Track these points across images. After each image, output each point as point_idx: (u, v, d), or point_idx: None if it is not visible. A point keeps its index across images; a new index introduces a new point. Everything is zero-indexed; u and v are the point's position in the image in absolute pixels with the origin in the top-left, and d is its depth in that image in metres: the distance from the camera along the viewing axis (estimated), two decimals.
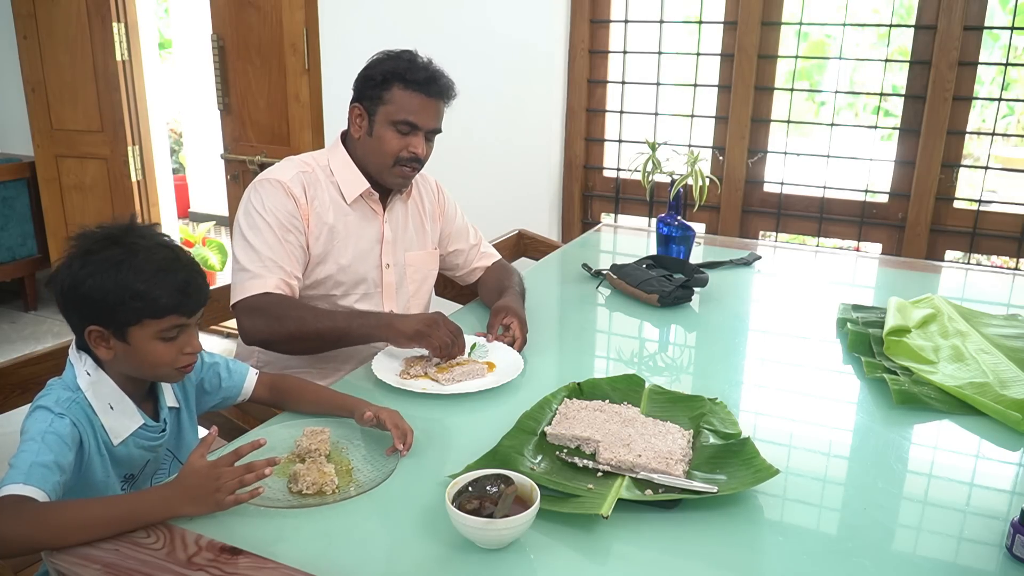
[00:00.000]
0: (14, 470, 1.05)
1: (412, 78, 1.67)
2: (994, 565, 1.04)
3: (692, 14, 3.33)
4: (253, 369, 1.42)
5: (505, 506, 1.03)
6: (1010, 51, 2.89)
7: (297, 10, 2.81)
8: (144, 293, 1.14)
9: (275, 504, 1.09)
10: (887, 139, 3.24)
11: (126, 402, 1.21)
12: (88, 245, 1.17)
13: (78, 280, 1.14)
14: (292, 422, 1.33)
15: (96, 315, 1.15)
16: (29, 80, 3.75)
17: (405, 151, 1.70)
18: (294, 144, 2.97)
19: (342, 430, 1.30)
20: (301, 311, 1.62)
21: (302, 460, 1.19)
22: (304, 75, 2.86)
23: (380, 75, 1.69)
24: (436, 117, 1.73)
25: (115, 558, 0.99)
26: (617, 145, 3.58)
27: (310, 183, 1.73)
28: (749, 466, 1.18)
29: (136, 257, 1.15)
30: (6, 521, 0.99)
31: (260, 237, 1.65)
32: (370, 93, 1.70)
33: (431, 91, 1.69)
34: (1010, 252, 3.04)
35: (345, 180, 1.76)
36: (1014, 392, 1.45)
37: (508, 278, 1.95)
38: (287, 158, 1.81)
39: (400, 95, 1.68)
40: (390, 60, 1.71)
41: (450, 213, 2.00)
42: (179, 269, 1.18)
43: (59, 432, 1.11)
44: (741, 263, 2.35)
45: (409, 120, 1.69)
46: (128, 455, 1.22)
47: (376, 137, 1.71)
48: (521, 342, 1.67)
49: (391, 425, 1.25)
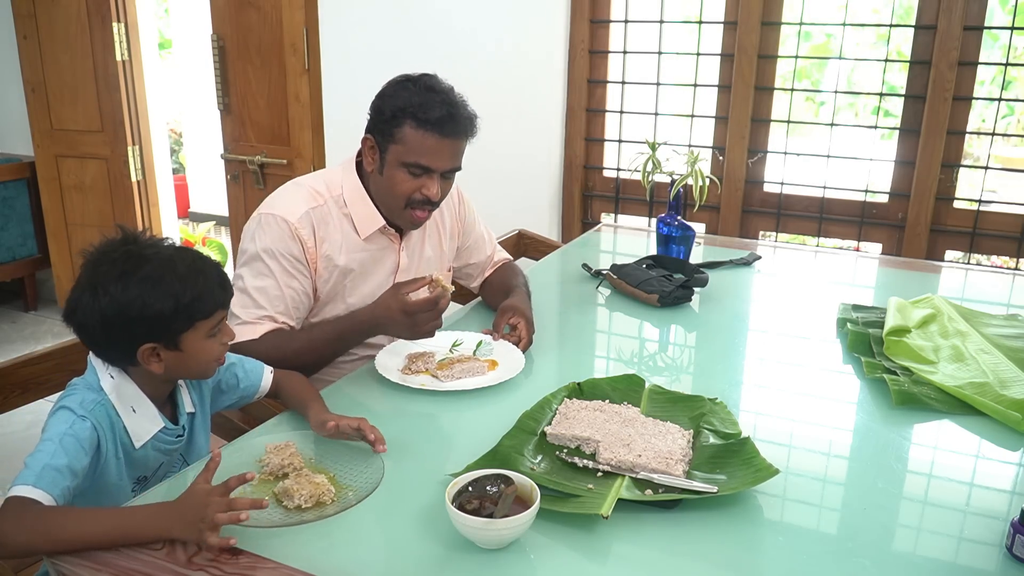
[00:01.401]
0: (27, 470, 1.05)
1: (425, 116, 1.51)
2: (994, 565, 1.04)
3: (692, 14, 3.33)
4: (268, 367, 1.43)
5: (505, 506, 1.03)
6: (1010, 51, 2.89)
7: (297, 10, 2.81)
8: (195, 297, 1.16)
9: (276, 524, 1.06)
10: (887, 138, 3.24)
11: (148, 405, 1.22)
12: (118, 269, 1.14)
13: (125, 304, 1.13)
14: (252, 441, 1.27)
15: (149, 333, 1.15)
16: (29, 80, 3.75)
17: (418, 193, 1.57)
18: (294, 144, 2.97)
19: (305, 442, 1.26)
20: (290, 357, 1.51)
21: (278, 477, 1.16)
22: (304, 75, 2.86)
23: (391, 111, 1.54)
24: (452, 158, 1.58)
25: (115, 558, 0.99)
26: (617, 145, 3.58)
27: (320, 221, 1.60)
28: (749, 466, 1.18)
29: (174, 266, 1.16)
30: (9, 524, 1.00)
31: (260, 284, 1.56)
32: (382, 127, 1.56)
33: (447, 130, 1.53)
34: (1010, 252, 3.05)
35: (359, 215, 1.64)
36: (1014, 392, 1.45)
37: (514, 278, 1.93)
38: (297, 183, 1.67)
39: (412, 135, 1.53)
40: (404, 93, 1.54)
41: (469, 224, 1.91)
42: (207, 266, 1.21)
43: (78, 435, 1.11)
44: (741, 263, 2.35)
45: (421, 163, 1.54)
46: (144, 457, 1.23)
47: (387, 176, 1.58)
48: (527, 342, 1.66)
49: (360, 432, 1.22)
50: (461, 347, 1.65)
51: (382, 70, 2.02)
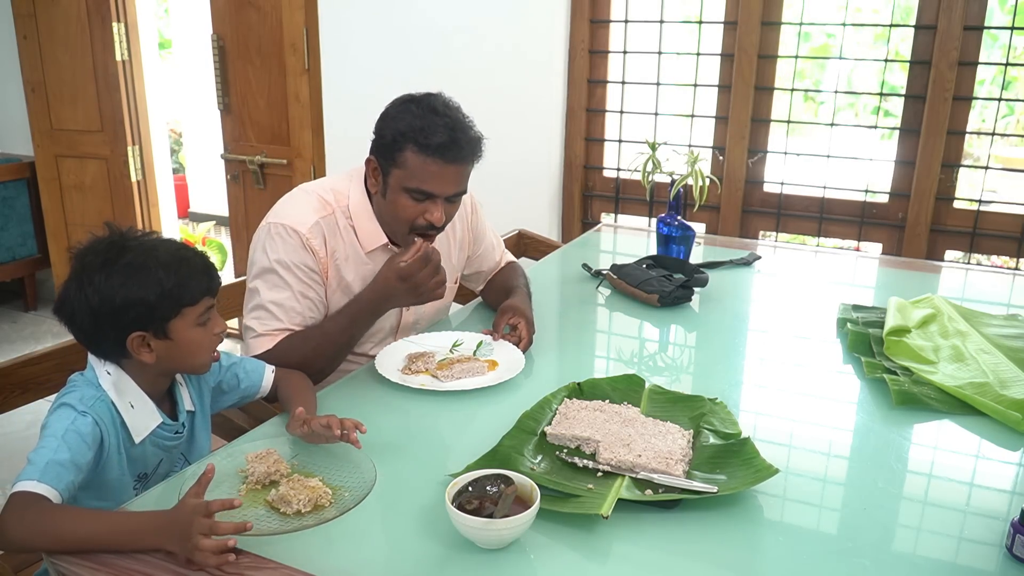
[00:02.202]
0: (31, 466, 1.05)
1: (427, 142, 1.48)
2: (994, 565, 1.04)
3: (692, 14, 3.33)
4: (269, 367, 1.43)
5: (505, 506, 1.03)
6: (1010, 51, 2.89)
7: (297, 10, 2.81)
8: (178, 283, 1.17)
9: (277, 531, 1.05)
10: (887, 138, 3.24)
11: (146, 401, 1.23)
12: (101, 259, 1.16)
13: (108, 293, 1.15)
14: (233, 449, 1.25)
15: (136, 320, 1.16)
16: (29, 80, 3.75)
17: (421, 219, 1.55)
18: (294, 144, 2.98)
19: (287, 448, 1.24)
20: (315, 341, 1.54)
21: (265, 486, 1.14)
22: (304, 75, 2.86)
23: (392, 135, 1.51)
24: (456, 183, 1.55)
25: (115, 558, 0.99)
26: (617, 145, 3.58)
27: (330, 231, 1.59)
28: (749, 466, 1.18)
29: (156, 254, 1.18)
30: (12, 519, 1.00)
31: (276, 296, 1.55)
32: (384, 151, 1.54)
33: (449, 157, 1.49)
34: (1010, 252, 3.05)
35: (363, 231, 1.62)
36: (1014, 392, 1.45)
37: (516, 278, 1.93)
38: (305, 190, 1.65)
39: (414, 160, 1.50)
40: (407, 115, 1.51)
41: (480, 233, 1.89)
42: (193, 255, 1.22)
43: (80, 431, 1.12)
44: (741, 263, 2.35)
45: (424, 189, 1.52)
46: (143, 454, 1.23)
47: (390, 201, 1.56)
48: (527, 342, 1.66)
49: (329, 429, 1.18)
50: (461, 347, 1.65)
51: (382, 70, 2.03)
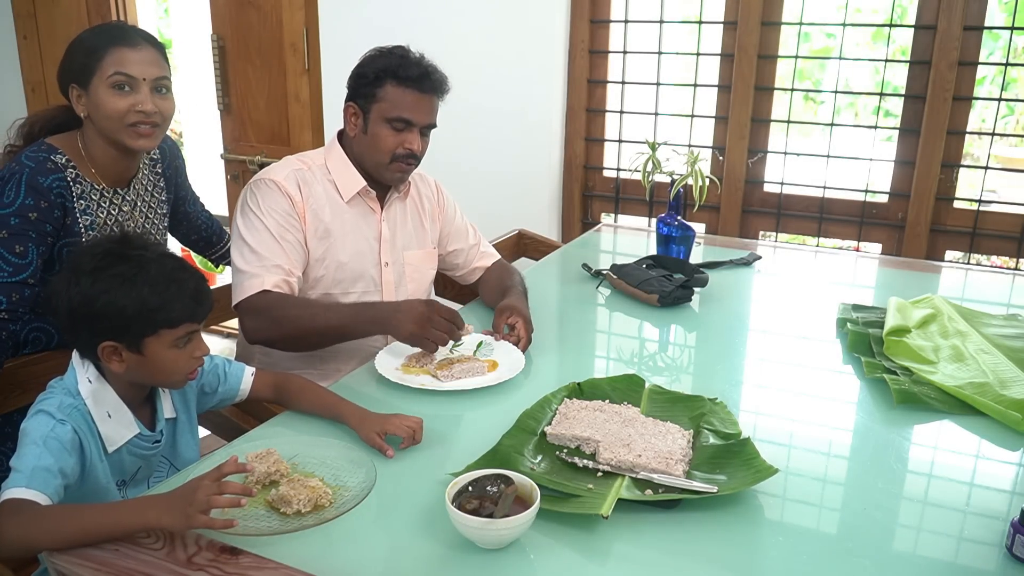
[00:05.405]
0: (17, 473, 1.05)
1: (405, 75, 1.68)
2: (994, 565, 1.04)
3: (692, 14, 3.33)
4: (250, 368, 1.42)
5: (505, 506, 1.03)
6: (1010, 51, 2.89)
7: (297, 10, 2.81)
8: (161, 304, 1.16)
9: (277, 531, 1.05)
10: (887, 139, 3.24)
11: (124, 411, 1.22)
12: (94, 262, 1.16)
13: (90, 297, 1.14)
14: (231, 450, 1.25)
15: (111, 330, 1.16)
16: (29, 80, 3.75)
17: (401, 147, 1.71)
18: (294, 144, 2.97)
19: (287, 448, 1.24)
20: (300, 309, 1.63)
21: (265, 486, 1.15)
22: (304, 75, 2.86)
23: (373, 73, 1.69)
24: (430, 112, 1.73)
25: (114, 558, 0.99)
26: (617, 145, 3.58)
27: (305, 181, 1.74)
28: (749, 466, 1.18)
29: (147, 270, 1.16)
30: (6, 524, 1.00)
31: (257, 237, 1.67)
32: (364, 91, 1.71)
33: (424, 87, 1.70)
34: (1010, 252, 3.05)
35: (342, 179, 1.77)
36: (1014, 392, 1.45)
37: (510, 277, 1.96)
38: (284, 158, 1.82)
39: (393, 92, 1.68)
40: (382, 57, 1.71)
41: (449, 213, 2.01)
42: (188, 278, 1.20)
43: (60, 438, 1.11)
44: (741, 263, 2.35)
45: (403, 116, 1.69)
46: (119, 461, 1.23)
47: (371, 135, 1.72)
48: (526, 342, 1.67)
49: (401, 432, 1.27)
50: (461, 347, 1.65)
51: None
